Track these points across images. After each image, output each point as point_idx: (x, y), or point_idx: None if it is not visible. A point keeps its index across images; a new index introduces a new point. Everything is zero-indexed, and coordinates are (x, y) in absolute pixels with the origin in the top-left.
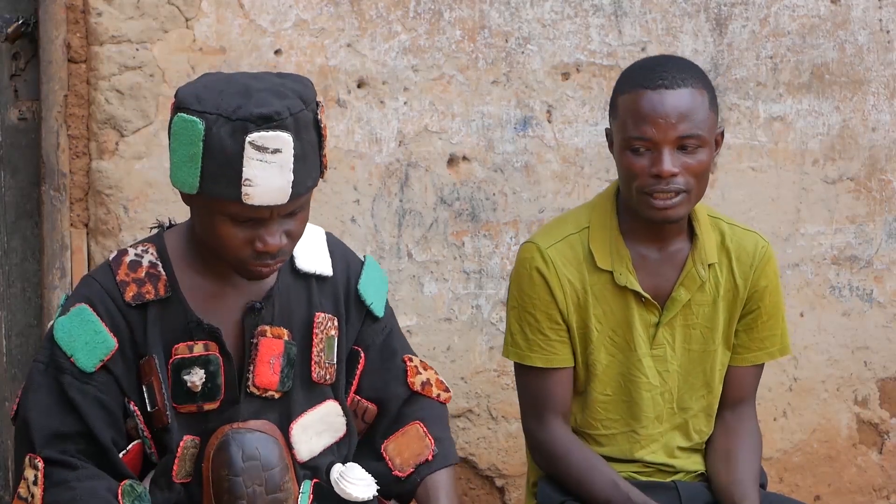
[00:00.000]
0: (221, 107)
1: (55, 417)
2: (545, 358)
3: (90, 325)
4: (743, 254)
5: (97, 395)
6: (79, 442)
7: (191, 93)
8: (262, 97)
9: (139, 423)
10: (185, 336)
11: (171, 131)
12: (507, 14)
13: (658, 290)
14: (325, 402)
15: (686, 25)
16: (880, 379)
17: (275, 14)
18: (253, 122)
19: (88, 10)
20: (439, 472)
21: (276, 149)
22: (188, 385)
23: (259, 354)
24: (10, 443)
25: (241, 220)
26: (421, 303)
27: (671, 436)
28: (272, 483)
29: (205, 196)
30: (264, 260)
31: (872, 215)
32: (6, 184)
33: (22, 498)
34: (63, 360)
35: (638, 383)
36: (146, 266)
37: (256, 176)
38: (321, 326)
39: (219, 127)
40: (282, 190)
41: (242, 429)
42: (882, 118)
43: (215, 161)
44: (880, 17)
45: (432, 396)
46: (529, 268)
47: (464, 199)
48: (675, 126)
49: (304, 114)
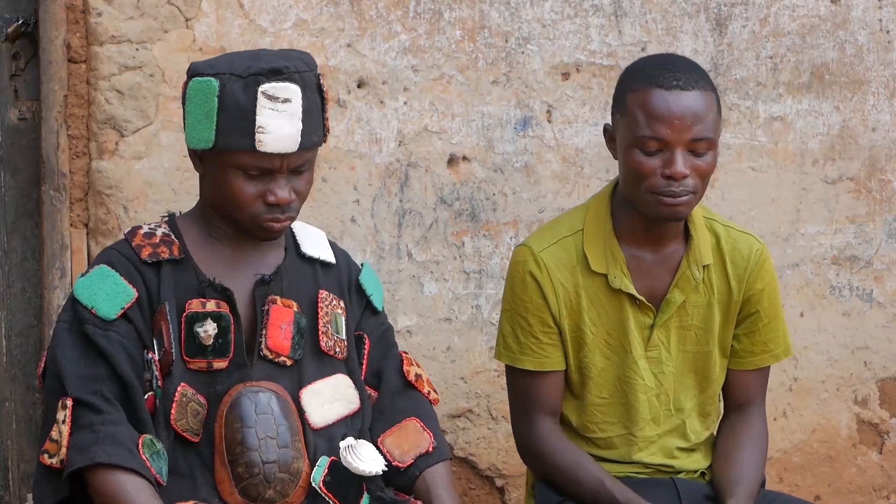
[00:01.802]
0: (233, 67)
1: (83, 363)
2: (536, 361)
3: (110, 278)
4: (737, 256)
5: (120, 340)
6: (108, 384)
7: (203, 62)
8: (270, 57)
9: (155, 371)
10: (198, 295)
11: (186, 95)
12: (507, 14)
13: (652, 291)
14: (336, 374)
15: (686, 25)
16: (880, 379)
17: (275, 14)
18: (264, 75)
19: (88, 10)
20: (438, 464)
21: (286, 98)
22: (201, 336)
23: (270, 319)
24: (9, 443)
25: (252, 175)
26: (421, 303)
27: (669, 438)
28: (283, 437)
29: (219, 149)
30: (275, 214)
31: (872, 215)
32: (6, 184)
33: (53, 440)
34: (84, 312)
35: (634, 385)
36: (160, 235)
37: (269, 124)
38: (325, 301)
39: (232, 83)
40: (292, 137)
41: (255, 386)
42: (882, 118)
43: (230, 114)
44: (880, 17)
45: (423, 392)
46: (522, 271)
47: (464, 199)
48: (689, 128)
49: (308, 75)
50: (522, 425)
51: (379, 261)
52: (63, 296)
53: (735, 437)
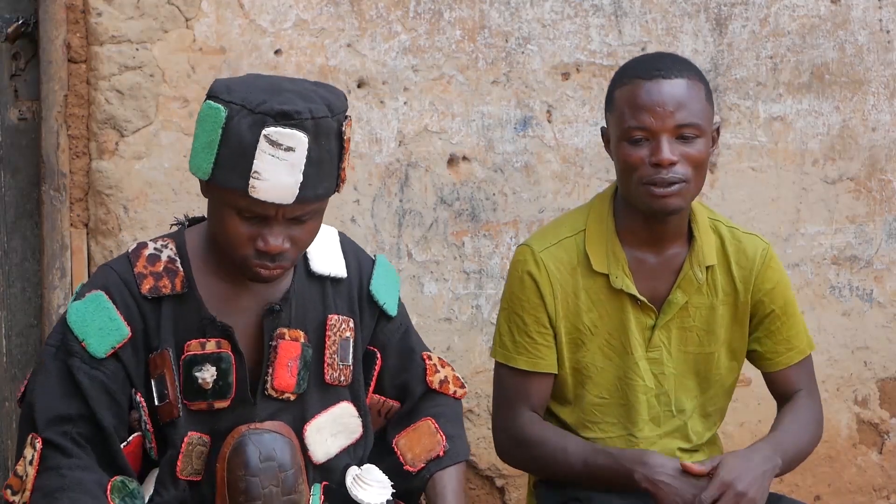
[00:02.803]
0: (248, 99)
1: (60, 400)
2: (530, 361)
3: (105, 311)
4: (742, 257)
5: (104, 381)
6: (80, 425)
7: (224, 83)
8: (288, 96)
9: (143, 415)
10: (198, 333)
11: (199, 117)
12: (507, 14)
13: (655, 293)
14: (340, 403)
15: (686, 25)
16: (880, 379)
17: (275, 14)
18: (272, 117)
19: (88, 10)
20: (449, 469)
21: (289, 146)
22: (199, 382)
23: (278, 357)
24: (10, 443)
25: (247, 216)
26: (421, 303)
27: (670, 439)
28: (288, 484)
29: (215, 184)
30: (263, 260)
31: (872, 215)
32: (6, 184)
33: (18, 475)
34: (74, 343)
35: (634, 386)
36: (164, 261)
37: (266, 170)
38: (334, 328)
39: (240, 117)
40: (289, 189)
41: (259, 429)
42: (882, 118)
43: (230, 150)
44: (880, 17)
45: (449, 393)
46: (521, 271)
47: (464, 199)
48: (672, 114)
49: (327, 121)
50: (506, 418)
51: None
52: (63, 296)
53: (780, 413)
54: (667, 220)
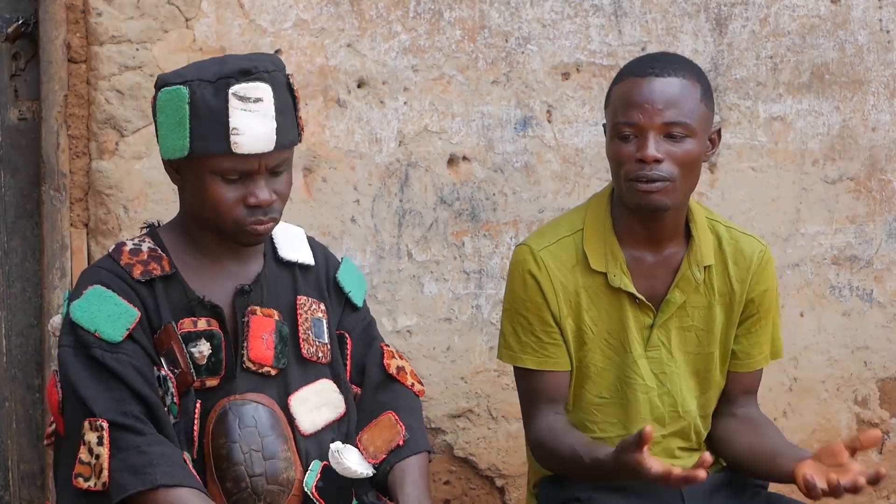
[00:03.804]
0: (202, 73)
1: (104, 386)
2: (537, 360)
3: (109, 299)
4: (740, 257)
5: (131, 362)
6: (133, 405)
7: (170, 73)
8: (237, 60)
9: (171, 387)
10: (187, 313)
11: (157, 107)
12: (507, 14)
13: (653, 292)
14: (320, 379)
15: (686, 25)
16: (880, 379)
17: (275, 14)
18: (233, 77)
19: (88, 10)
20: (409, 459)
21: (257, 98)
22: (196, 356)
23: (251, 330)
24: (10, 443)
25: (231, 179)
26: (421, 303)
27: (672, 439)
28: (269, 449)
29: (195, 156)
30: (257, 216)
31: (872, 215)
32: (6, 184)
33: (84, 463)
34: (87, 336)
35: (633, 385)
36: (146, 251)
37: (243, 125)
38: (304, 307)
39: (202, 89)
40: (268, 136)
41: (239, 399)
42: (882, 118)
43: (202, 119)
44: (880, 17)
45: (406, 384)
46: (522, 270)
47: (464, 199)
48: (661, 112)
49: (277, 74)
50: (528, 422)
51: (379, 261)
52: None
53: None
54: (661, 218)
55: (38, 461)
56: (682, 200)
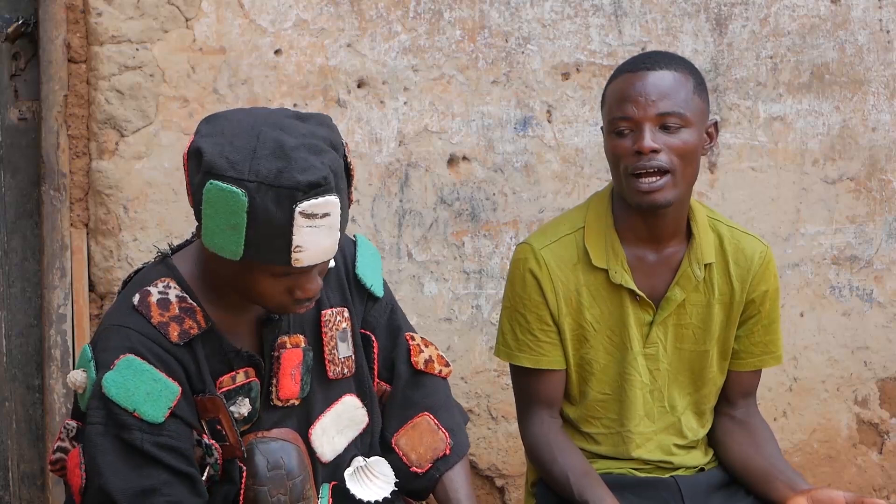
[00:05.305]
0: (261, 173)
1: (134, 474)
2: (533, 359)
3: (146, 373)
4: (741, 257)
5: (172, 444)
6: (165, 492)
7: (219, 154)
8: (301, 157)
9: (215, 453)
10: (226, 367)
11: (204, 198)
12: (507, 14)
13: (653, 289)
14: (343, 397)
15: (686, 25)
16: (880, 379)
17: (275, 14)
18: (301, 191)
19: (88, 10)
20: (456, 467)
21: (325, 213)
22: (236, 416)
23: (282, 368)
24: (10, 442)
25: (282, 275)
26: (421, 303)
27: (665, 435)
28: (296, 492)
29: (250, 261)
30: (303, 304)
31: (872, 215)
32: (6, 184)
33: None
34: (124, 416)
35: (632, 382)
36: (175, 302)
37: (307, 241)
38: (329, 324)
39: (262, 195)
40: (331, 249)
41: (266, 438)
42: (882, 118)
43: (262, 230)
44: (880, 17)
45: (434, 373)
46: (523, 269)
47: (464, 199)
48: (654, 103)
49: (338, 164)
50: (523, 420)
51: None
52: (63, 296)
53: (751, 427)
54: (662, 216)
55: (38, 461)
56: (682, 196)
